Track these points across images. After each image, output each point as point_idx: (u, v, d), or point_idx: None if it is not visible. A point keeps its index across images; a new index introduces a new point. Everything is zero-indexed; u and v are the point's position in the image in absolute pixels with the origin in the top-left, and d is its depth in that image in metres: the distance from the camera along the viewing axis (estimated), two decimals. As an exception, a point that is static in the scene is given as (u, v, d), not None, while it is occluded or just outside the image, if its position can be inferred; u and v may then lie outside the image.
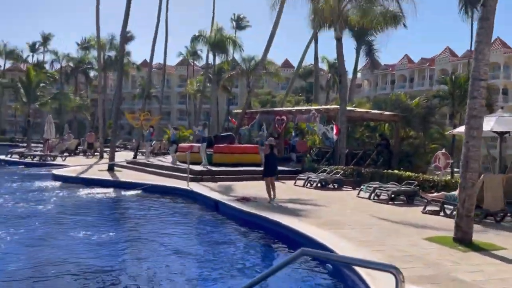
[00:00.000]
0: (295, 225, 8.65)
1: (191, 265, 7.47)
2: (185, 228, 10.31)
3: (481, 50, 7.65)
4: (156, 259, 7.54)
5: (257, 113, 24.89)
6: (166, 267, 7.12)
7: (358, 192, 14.03)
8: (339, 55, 18.63)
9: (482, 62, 7.59)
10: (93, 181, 16.24)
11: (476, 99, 7.55)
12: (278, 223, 9.08)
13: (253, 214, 10.12)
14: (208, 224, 10.60)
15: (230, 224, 10.41)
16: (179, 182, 15.96)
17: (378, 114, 21.73)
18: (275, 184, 12.11)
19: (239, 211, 10.67)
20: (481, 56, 7.62)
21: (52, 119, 27.20)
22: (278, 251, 8.42)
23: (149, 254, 7.87)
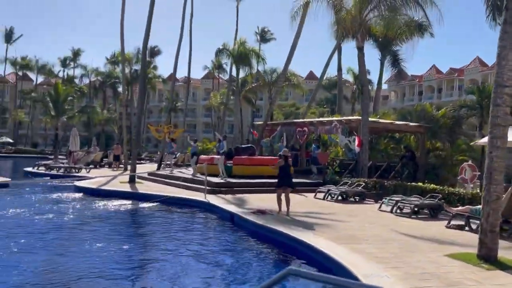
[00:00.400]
0: (307, 239, 8.32)
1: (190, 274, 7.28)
2: (195, 240, 10.08)
3: (505, 55, 7.22)
4: (162, 271, 7.35)
5: (279, 125, 24.64)
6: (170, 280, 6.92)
7: (380, 206, 13.56)
8: (360, 65, 18.26)
9: (506, 68, 7.16)
10: (112, 192, 16.29)
11: (500, 106, 7.11)
12: (290, 237, 8.77)
13: (265, 227, 9.84)
14: (219, 237, 10.35)
15: (243, 237, 10.14)
16: (197, 194, 15.83)
17: (403, 125, 21.16)
18: (290, 196, 11.77)
19: (252, 224, 10.42)
20: (505, 61, 7.20)
21: (77, 131, 27.67)
22: (284, 265, 8.08)
23: (156, 265, 7.69)
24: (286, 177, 11.67)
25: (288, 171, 11.73)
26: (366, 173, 18.34)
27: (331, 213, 12.22)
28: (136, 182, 19.75)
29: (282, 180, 11.66)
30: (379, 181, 16.49)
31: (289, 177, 11.74)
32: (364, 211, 12.99)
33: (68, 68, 71.86)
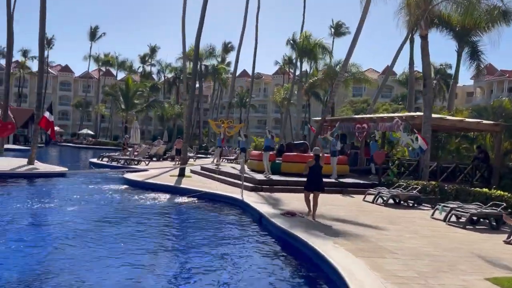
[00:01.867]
0: (322, 249, 7.28)
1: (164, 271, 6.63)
2: (210, 239, 9.38)
3: None
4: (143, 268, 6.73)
5: (337, 121, 23.24)
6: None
7: (433, 213, 11.98)
8: (424, 55, 16.41)
9: None
10: (154, 185, 16.21)
11: None
12: (306, 244, 7.78)
13: (286, 231, 8.90)
14: (239, 237, 9.53)
15: (264, 240, 9.26)
16: (238, 190, 15.17)
17: (475, 123, 18.87)
18: (318, 200, 10.63)
19: (274, 227, 9.53)
20: None
21: (138, 124, 28.40)
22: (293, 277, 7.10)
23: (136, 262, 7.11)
24: (315, 180, 10.51)
25: (319, 172, 10.55)
26: (427, 175, 16.55)
27: (371, 219, 10.95)
28: (186, 176, 19.60)
29: (311, 182, 10.52)
30: (439, 185, 14.72)
31: (319, 179, 10.54)
32: (412, 218, 11.51)
33: (146, 64, 74.98)
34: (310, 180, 10.52)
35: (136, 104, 36.52)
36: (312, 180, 10.51)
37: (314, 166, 10.51)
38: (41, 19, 20.34)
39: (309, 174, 10.56)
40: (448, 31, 28.88)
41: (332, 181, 17.53)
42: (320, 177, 10.55)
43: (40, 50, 20.79)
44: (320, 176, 10.57)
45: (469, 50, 28.07)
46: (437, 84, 58.04)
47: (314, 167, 10.52)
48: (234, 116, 74.72)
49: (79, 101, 73.47)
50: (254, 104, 73.58)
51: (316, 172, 10.51)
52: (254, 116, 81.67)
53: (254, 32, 31.43)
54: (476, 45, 27.89)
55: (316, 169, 10.52)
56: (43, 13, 20.28)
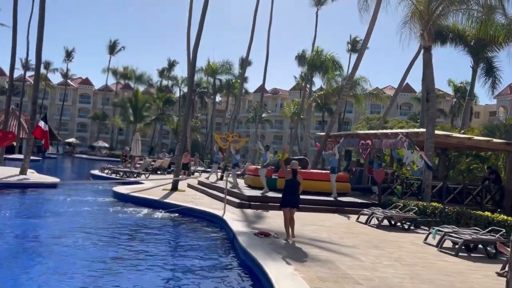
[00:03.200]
0: (275, 276, 6.40)
1: None
2: (169, 255, 8.58)
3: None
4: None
5: (341, 137, 22.28)
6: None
7: (426, 237, 10.92)
8: (426, 67, 15.43)
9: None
10: (138, 199, 15.60)
11: None
12: (262, 268, 6.91)
13: (246, 252, 8.05)
14: (199, 255, 8.70)
15: (224, 260, 8.43)
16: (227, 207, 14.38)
17: (484, 141, 17.66)
18: (294, 218, 9.78)
19: (239, 247, 8.69)
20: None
21: (139, 136, 27.90)
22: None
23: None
24: (291, 195, 9.66)
25: (296, 187, 9.70)
26: (429, 195, 15.44)
27: (355, 242, 10.00)
28: (179, 190, 18.92)
29: (287, 198, 9.67)
30: (439, 206, 13.62)
31: (295, 195, 9.70)
32: (402, 243, 10.47)
33: (164, 78, 75.41)
34: (286, 196, 9.69)
35: (145, 116, 36.23)
36: (287, 196, 9.67)
37: (291, 181, 9.67)
38: (39, 31, 20.16)
39: (285, 189, 9.76)
40: (463, 47, 27.78)
41: (329, 200, 16.60)
42: (296, 193, 9.71)
43: (37, 60, 20.57)
44: (297, 192, 9.72)
45: (485, 66, 26.83)
46: (456, 102, 56.39)
47: (290, 182, 9.69)
48: (250, 131, 74.34)
49: (96, 113, 74.16)
50: (270, 120, 73.00)
51: (292, 188, 9.68)
52: (270, 131, 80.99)
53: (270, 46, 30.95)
54: (491, 61, 26.65)
55: (292, 184, 9.68)
56: (41, 24, 20.13)
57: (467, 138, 17.40)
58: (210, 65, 51.64)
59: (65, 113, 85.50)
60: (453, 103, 57.85)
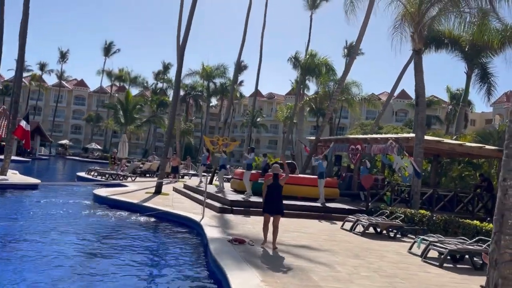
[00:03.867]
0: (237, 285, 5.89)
1: None
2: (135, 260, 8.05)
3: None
4: None
5: (331, 141, 21.83)
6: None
7: (410, 246, 10.41)
8: (417, 71, 15.00)
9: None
10: (117, 202, 15.04)
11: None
12: (226, 279, 6.40)
13: (215, 259, 7.54)
14: (166, 260, 8.17)
15: (189, 268, 7.91)
16: (207, 211, 13.88)
17: (476, 148, 17.23)
18: (279, 225, 9.29)
19: (210, 255, 8.17)
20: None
21: (126, 138, 27.38)
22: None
23: None
24: (275, 201, 9.17)
25: (279, 193, 9.21)
26: (417, 202, 14.96)
27: (335, 250, 9.49)
28: (163, 194, 18.41)
29: (270, 204, 9.19)
30: (426, 214, 13.13)
31: (279, 201, 9.21)
32: (384, 252, 9.97)
33: (160, 80, 74.96)
34: (268, 203, 9.20)
35: (136, 118, 35.71)
36: (271, 203, 9.17)
37: (273, 185, 9.18)
38: (22, 29, 19.64)
39: (267, 195, 9.26)
40: (457, 52, 27.44)
41: (316, 205, 16.09)
42: (279, 199, 9.21)
43: (20, 60, 20.04)
44: (280, 197, 9.23)
45: (479, 72, 26.46)
46: (452, 109, 56.05)
47: (272, 187, 9.19)
48: (245, 135, 73.84)
49: (90, 115, 73.56)
50: (265, 124, 72.55)
51: (275, 193, 9.19)
52: (265, 136, 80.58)
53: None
54: (486, 66, 26.29)
55: (275, 189, 9.19)
56: (25, 22, 19.62)
57: (458, 144, 16.96)
58: (205, 68, 51.20)
59: (60, 114, 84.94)
60: (448, 110, 57.52)
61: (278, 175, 9.27)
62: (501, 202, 4.18)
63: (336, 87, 22.58)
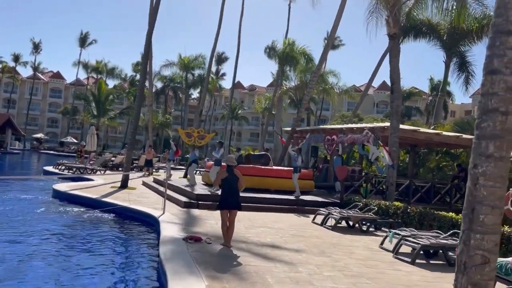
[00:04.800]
0: None
1: None
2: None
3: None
4: None
5: (307, 132, 21.15)
6: None
7: (382, 241, 9.76)
8: (392, 56, 14.34)
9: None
10: (75, 197, 14.10)
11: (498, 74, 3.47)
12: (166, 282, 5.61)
13: (160, 261, 6.75)
14: (105, 270, 7.34)
15: (139, 275, 7.11)
16: (171, 206, 13.07)
17: (454, 137, 16.71)
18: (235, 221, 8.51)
19: (158, 254, 7.38)
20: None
21: (94, 130, 26.27)
22: None
23: None
24: (231, 195, 8.36)
25: (234, 186, 8.40)
26: (393, 194, 14.37)
27: (301, 246, 8.79)
28: (129, 188, 17.50)
29: (226, 199, 8.40)
30: (402, 206, 12.53)
31: (234, 195, 8.39)
32: (354, 248, 9.30)
33: (138, 72, 73.24)
34: (224, 197, 8.38)
35: (108, 110, 34.45)
36: (226, 197, 8.36)
37: (228, 178, 8.36)
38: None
39: (222, 189, 8.47)
40: (436, 41, 26.97)
41: (289, 198, 15.39)
42: (235, 192, 8.39)
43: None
44: (236, 190, 8.41)
45: (458, 61, 26.02)
46: (432, 100, 55.94)
47: (227, 180, 8.38)
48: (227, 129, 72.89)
49: (66, 108, 71.64)
50: (246, 117, 71.63)
51: (230, 186, 8.36)
52: (247, 128, 79.71)
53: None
54: (464, 55, 25.86)
55: (230, 182, 8.37)
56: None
57: (435, 133, 16.41)
58: (182, 59, 49.97)
59: (35, 107, 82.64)
60: (428, 101, 57.46)
61: (232, 167, 8.44)
62: (471, 193, 3.48)
63: (312, 76, 21.81)
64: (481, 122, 3.50)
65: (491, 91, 3.43)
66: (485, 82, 3.50)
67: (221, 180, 8.45)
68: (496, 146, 3.41)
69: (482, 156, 3.48)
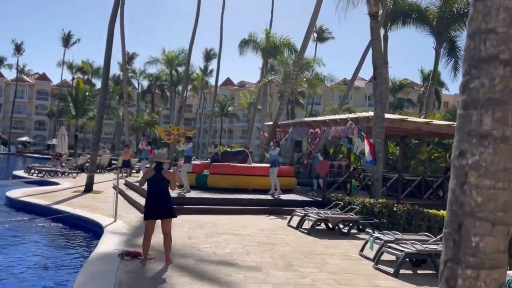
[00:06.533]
0: None
1: None
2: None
3: None
4: None
5: (290, 126, 19.73)
6: None
7: (362, 247, 8.34)
8: (374, 38, 12.93)
9: None
10: (24, 205, 12.62)
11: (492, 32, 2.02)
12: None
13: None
14: None
15: None
16: (130, 212, 11.66)
17: (445, 126, 15.33)
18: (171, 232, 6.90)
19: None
20: None
21: (65, 131, 24.75)
22: None
23: None
24: (158, 200, 6.59)
25: (164, 189, 6.64)
26: (379, 190, 12.97)
27: (265, 258, 7.37)
28: (95, 192, 16.03)
29: (155, 205, 6.59)
30: (387, 204, 11.13)
31: (165, 199, 6.64)
32: (329, 257, 7.88)
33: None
34: (150, 202, 6.64)
35: (87, 110, 32.93)
36: (152, 202, 6.61)
37: (154, 179, 6.61)
38: None
39: (148, 192, 6.70)
40: (425, 26, 25.65)
41: (266, 198, 13.98)
42: (165, 196, 6.65)
43: None
44: (166, 193, 6.67)
45: (447, 46, 24.69)
46: (424, 91, 54.63)
47: (154, 181, 6.62)
48: (217, 126, 71.35)
49: (51, 110, 69.77)
50: (236, 114, 70.06)
51: (158, 189, 6.62)
52: (237, 125, 78.15)
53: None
54: (455, 40, 24.54)
55: (157, 184, 6.62)
56: None
57: (425, 122, 15.03)
58: (166, 54, 48.40)
59: (22, 110, 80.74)
60: (420, 92, 56.20)
61: (161, 165, 6.78)
62: (456, 199, 2.09)
63: (293, 65, 20.39)
64: (469, 80, 2.09)
65: (485, 27, 2.03)
66: (474, 14, 2.10)
67: (147, 181, 6.72)
68: (495, 118, 2.00)
69: (473, 137, 2.07)
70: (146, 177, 6.79)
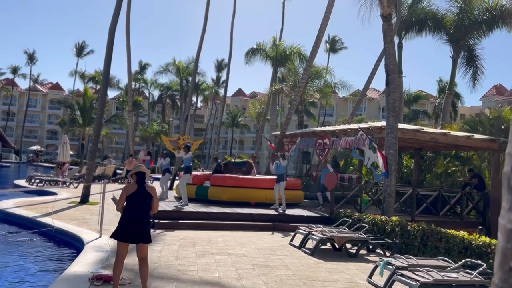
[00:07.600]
0: None
1: None
2: None
3: None
4: None
5: (297, 136, 18.81)
6: None
7: (371, 273, 7.34)
8: (386, 41, 12.01)
9: None
10: (11, 217, 11.86)
11: None
12: None
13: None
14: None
15: None
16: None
17: (464, 138, 14.24)
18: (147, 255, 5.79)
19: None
20: None
21: (67, 139, 24.18)
22: None
23: None
24: (137, 220, 5.47)
25: (146, 206, 5.56)
26: (391, 207, 11.93)
27: (259, 285, 6.44)
28: (90, 203, 15.26)
29: (129, 226, 5.45)
30: (400, 222, 10.11)
31: (144, 220, 5.53)
32: (330, 284, 6.90)
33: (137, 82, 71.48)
34: (127, 222, 5.48)
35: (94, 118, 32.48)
36: (131, 222, 5.44)
37: (137, 193, 5.57)
38: None
39: (127, 209, 5.57)
40: (441, 34, 24.64)
41: (268, 213, 13.05)
42: (146, 216, 5.57)
43: None
44: (147, 213, 5.59)
45: (465, 54, 23.60)
46: (440, 103, 53.26)
47: (136, 196, 5.53)
48: (228, 137, 70.62)
49: (63, 119, 69.92)
50: (247, 124, 69.28)
51: (139, 207, 5.51)
52: (248, 136, 77.34)
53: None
54: (473, 48, 23.44)
55: (140, 199, 5.53)
56: None
57: (442, 133, 13.97)
58: (176, 64, 48.00)
59: (35, 119, 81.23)
60: (436, 104, 54.85)
61: (143, 177, 5.69)
62: (508, 233, 1.17)
63: (302, 74, 19.52)
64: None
65: None
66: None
67: (126, 197, 5.58)
68: None
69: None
70: (126, 193, 5.60)
